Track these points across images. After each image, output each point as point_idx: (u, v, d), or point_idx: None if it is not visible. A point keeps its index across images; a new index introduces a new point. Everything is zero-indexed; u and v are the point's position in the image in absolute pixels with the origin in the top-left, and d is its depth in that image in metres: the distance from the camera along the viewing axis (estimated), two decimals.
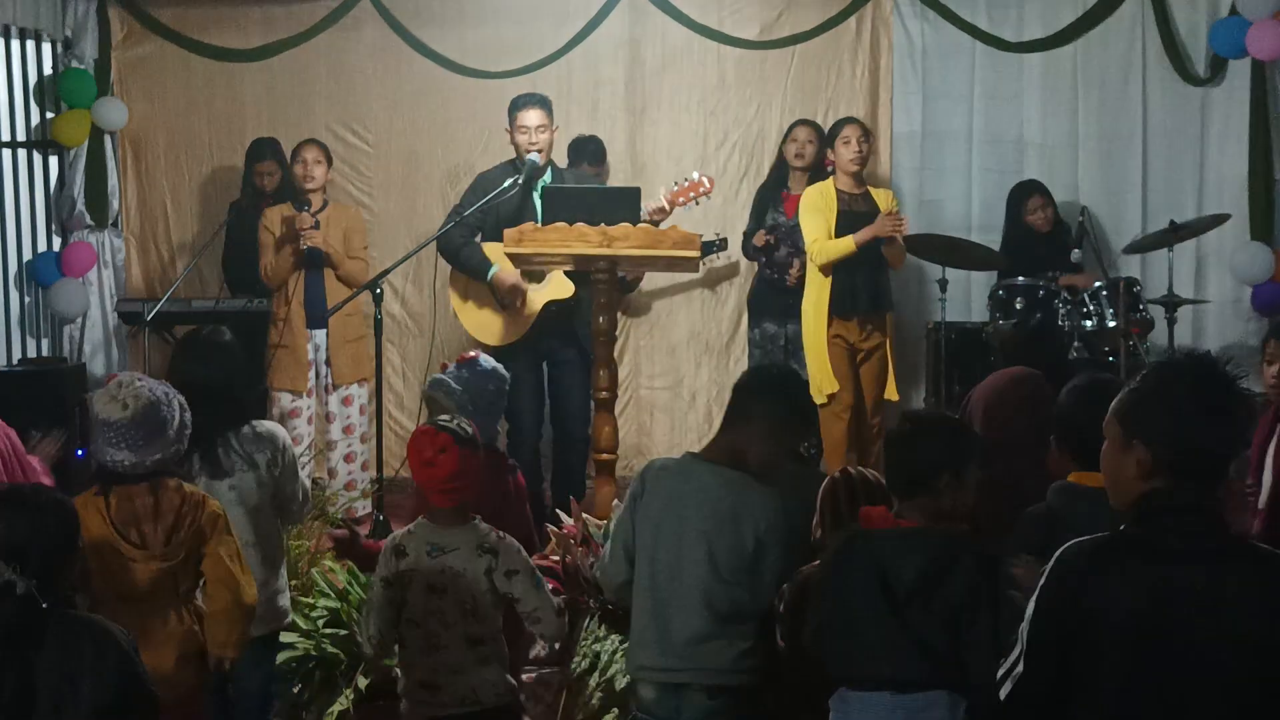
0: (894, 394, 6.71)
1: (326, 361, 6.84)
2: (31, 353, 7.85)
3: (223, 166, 8.02)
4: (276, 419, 6.59)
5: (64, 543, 3.06)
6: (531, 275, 6.40)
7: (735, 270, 7.80)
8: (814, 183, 6.85)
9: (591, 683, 4.70)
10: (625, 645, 4.54)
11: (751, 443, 3.66)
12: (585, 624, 4.91)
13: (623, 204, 5.65)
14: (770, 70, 7.89)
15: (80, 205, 7.94)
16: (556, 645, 4.54)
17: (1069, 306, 6.88)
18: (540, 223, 5.65)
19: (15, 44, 7.84)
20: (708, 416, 7.87)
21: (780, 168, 7.26)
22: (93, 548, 3.56)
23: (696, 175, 6.30)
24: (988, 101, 7.88)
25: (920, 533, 3.22)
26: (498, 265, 6.26)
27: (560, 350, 6.47)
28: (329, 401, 6.88)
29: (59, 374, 7.15)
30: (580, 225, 5.50)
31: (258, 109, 8.03)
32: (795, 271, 6.96)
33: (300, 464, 4.54)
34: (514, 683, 3.85)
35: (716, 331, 7.95)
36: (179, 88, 8.09)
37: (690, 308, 7.98)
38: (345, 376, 6.86)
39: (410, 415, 7.69)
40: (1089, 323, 6.87)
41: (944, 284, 6.93)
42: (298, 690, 4.87)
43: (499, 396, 4.58)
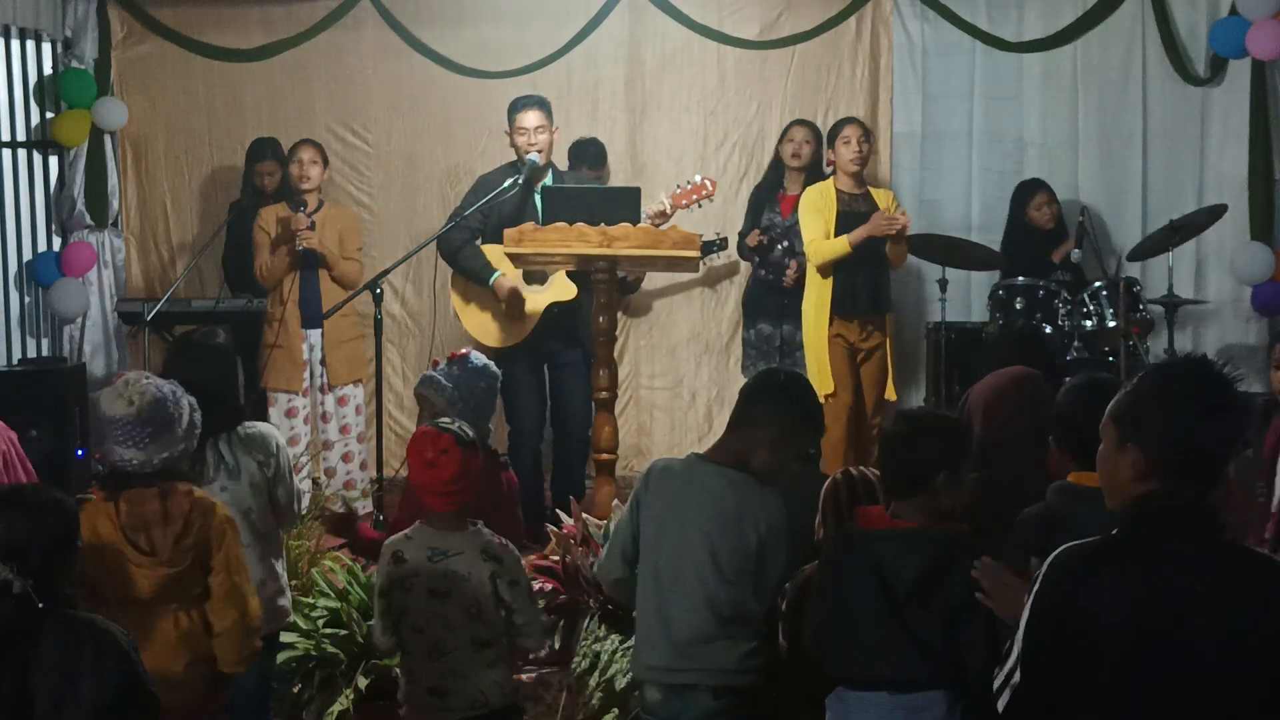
0: (892, 394, 6.71)
1: (322, 361, 6.83)
2: (31, 353, 7.85)
3: (223, 166, 8.02)
4: (274, 419, 6.59)
5: (64, 543, 3.06)
6: (533, 277, 6.40)
7: (735, 270, 7.80)
8: (810, 183, 6.85)
9: (591, 683, 4.70)
10: (626, 645, 4.56)
11: (757, 447, 3.64)
12: (585, 624, 4.92)
13: (623, 204, 5.65)
14: (770, 70, 7.89)
15: (80, 205, 7.94)
16: (543, 653, 4.57)
17: (1069, 306, 6.88)
18: (540, 223, 5.65)
19: (15, 44, 7.84)
20: (708, 416, 7.87)
21: (776, 167, 7.27)
22: (101, 552, 3.55)
23: (699, 178, 6.30)
24: (988, 101, 7.88)
25: (919, 533, 3.22)
26: (500, 271, 6.26)
27: (562, 352, 6.47)
28: (324, 402, 6.87)
29: (59, 374, 7.14)
30: (580, 225, 5.51)
31: (258, 109, 8.02)
32: (792, 272, 6.95)
33: (298, 464, 4.54)
34: (515, 681, 3.86)
35: (716, 331, 7.94)
36: (179, 88, 8.08)
37: (690, 308, 7.98)
38: (341, 377, 6.85)
39: (410, 415, 7.68)
40: (1089, 323, 6.88)
41: (944, 284, 6.94)
42: (298, 690, 4.87)
43: (490, 394, 4.58)
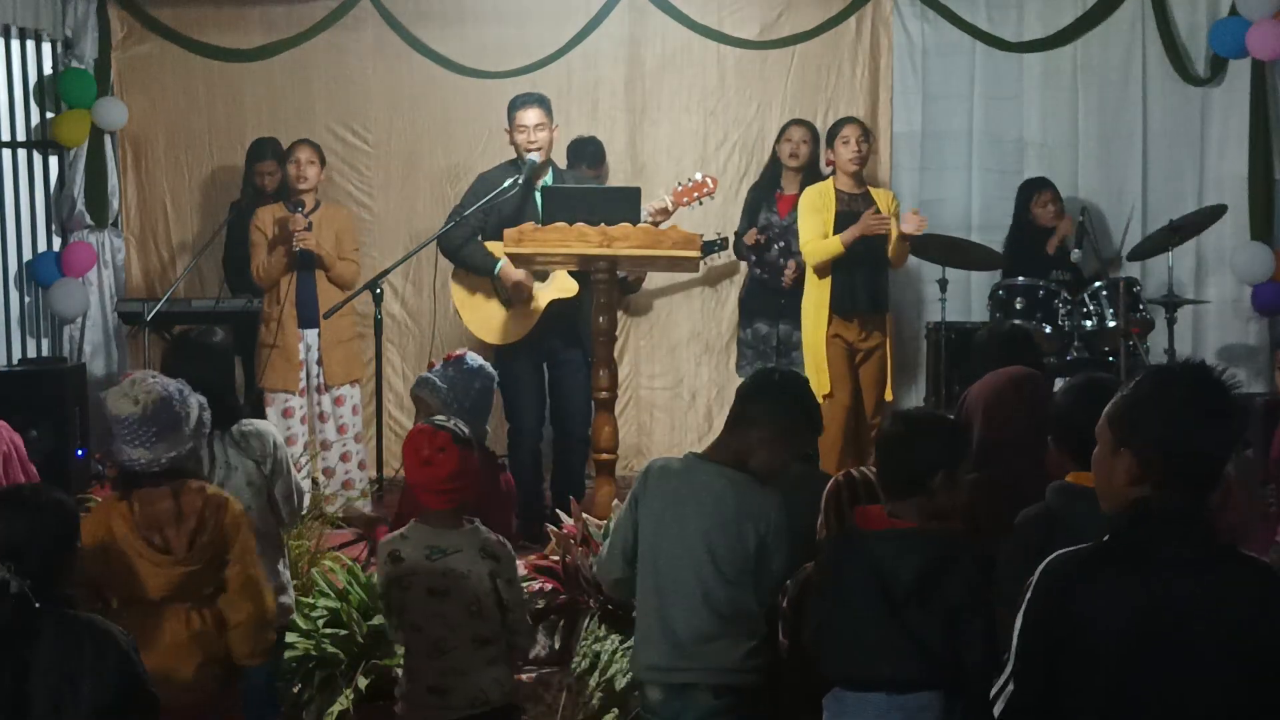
0: (889, 394, 6.71)
1: (318, 362, 6.83)
2: (31, 353, 7.85)
3: (223, 166, 8.02)
4: (271, 419, 6.59)
5: (63, 542, 3.06)
6: (535, 274, 6.39)
7: (735, 270, 7.79)
8: (808, 183, 6.85)
9: (591, 683, 4.70)
10: (626, 645, 4.56)
11: (755, 447, 3.63)
12: (585, 624, 4.91)
13: (623, 204, 5.65)
14: (770, 70, 7.89)
15: (80, 205, 7.93)
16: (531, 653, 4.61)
17: (1069, 306, 6.88)
18: (541, 222, 5.65)
19: (15, 44, 7.84)
20: (708, 416, 7.87)
21: (773, 167, 7.26)
22: (116, 552, 3.55)
23: (700, 175, 6.30)
24: (988, 101, 7.88)
25: (918, 533, 3.22)
26: (504, 260, 6.26)
27: (562, 351, 6.46)
28: (321, 402, 6.86)
29: (59, 374, 7.15)
30: (580, 225, 5.50)
31: (258, 109, 8.02)
32: (791, 272, 6.94)
33: (297, 464, 4.53)
34: (514, 680, 3.86)
35: (716, 331, 7.94)
36: (179, 88, 8.08)
37: (690, 307, 7.97)
38: (337, 377, 6.85)
39: (410, 415, 7.66)
40: (1089, 323, 6.88)
41: (944, 284, 6.94)
42: (298, 690, 4.87)
43: (485, 395, 4.57)
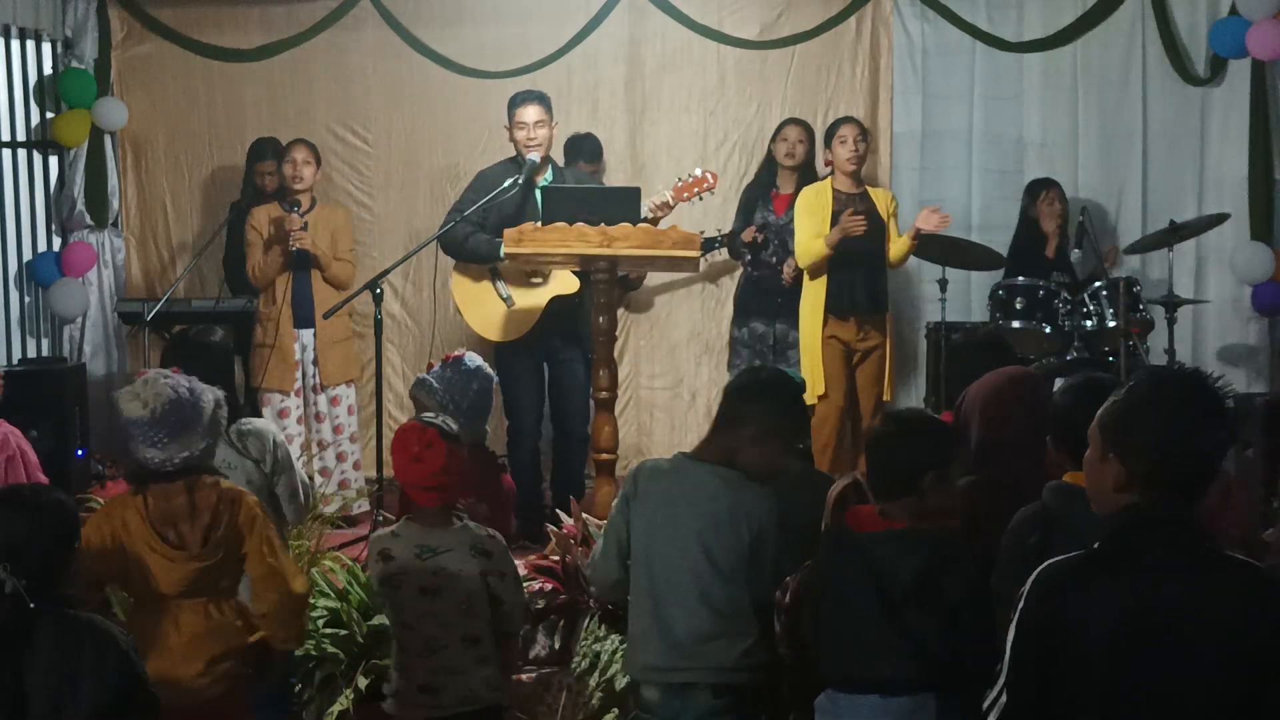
0: (888, 394, 6.70)
1: (314, 362, 6.83)
2: (31, 353, 7.85)
3: (223, 166, 8.02)
4: (267, 419, 6.59)
5: (63, 542, 3.06)
6: (536, 270, 6.39)
7: (736, 269, 7.79)
8: (804, 182, 6.85)
9: (591, 683, 4.71)
10: (625, 645, 4.55)
11: (742, 446, 3.63)
12: (585, 624, 4.92)
13: (623, 204, 5.65)
14: (770, 70, 7.88)
15: (80, 205, 7.94)
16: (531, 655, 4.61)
17: (1069, 306, 6.88)
18: (541, 221, 5.65)
19: (15, 44, 7.84)
20: (708, 416, 7.76)
21: (769, 166, 7.25)
22: (131, 548, 3.57)
23: (700, 171, 6.30)
24: (988, 101, 7.87)
25: (914, 533, 3.22)
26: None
27: (562, 350, 6.46)
28: (317, 402, 6.87)
29: (59, 374, 7.15)
30: (580, 225, 5.50)
31: (258, 109, 8.02)
32: (791, 270, 6.92)
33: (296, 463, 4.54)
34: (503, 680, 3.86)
35: (716, 331, 7.93)
36: (179, 88, 8.08)
37: (690, 307, 7.97)
38: (333, 377, 6.85)
39: (410, 415, 7.67)
40: (1089, 323, 6.87)
41: (944, 284, 6.93)
42: (298, 690, 4.87)
43: (483, 395, 4.57)
